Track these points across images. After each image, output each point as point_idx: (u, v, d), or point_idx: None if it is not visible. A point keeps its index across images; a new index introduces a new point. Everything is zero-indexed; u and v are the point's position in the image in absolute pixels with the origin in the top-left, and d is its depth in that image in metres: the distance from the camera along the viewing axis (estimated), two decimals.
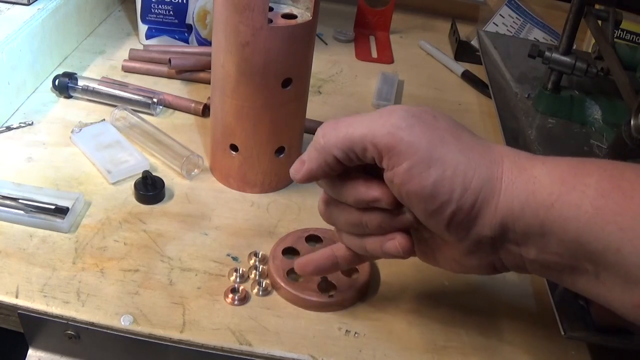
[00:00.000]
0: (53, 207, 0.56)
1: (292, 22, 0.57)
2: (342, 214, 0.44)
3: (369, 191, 0.41)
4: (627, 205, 0.34)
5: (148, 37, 0.87)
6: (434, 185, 0.38)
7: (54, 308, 0.49)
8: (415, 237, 0.44)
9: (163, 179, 0.62)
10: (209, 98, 0.71)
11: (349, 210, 0.43)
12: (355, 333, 0.50)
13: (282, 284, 0.52)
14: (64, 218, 0.55)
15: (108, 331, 0.48)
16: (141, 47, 0.86)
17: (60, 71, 0.75)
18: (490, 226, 0.38)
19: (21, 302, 0.49)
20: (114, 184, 0.62)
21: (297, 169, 0.43)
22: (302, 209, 0.62)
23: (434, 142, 0.38)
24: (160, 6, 0.84)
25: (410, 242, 0.43)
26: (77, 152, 0.66)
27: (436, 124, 0.39)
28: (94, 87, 0.73)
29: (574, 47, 0.74)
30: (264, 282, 0.52)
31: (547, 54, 0.74)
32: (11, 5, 0.73)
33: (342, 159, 0.41)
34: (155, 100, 0.72)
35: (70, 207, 0.56)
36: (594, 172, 0.37)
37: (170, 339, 0.48)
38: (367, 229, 0.43)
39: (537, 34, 1.02)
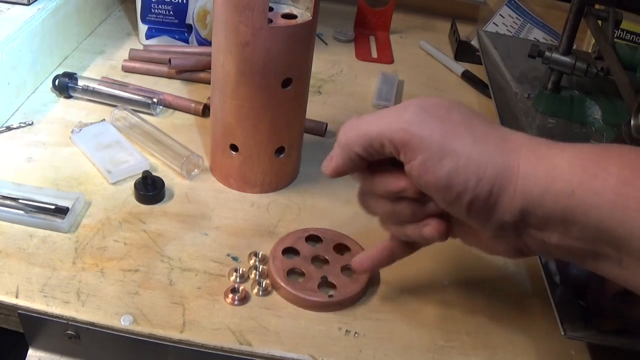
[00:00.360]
0: (53, 207, 0.56)
1: (292, 22, 0.57)
2: (377, 204, 0.46)
3: (396, 182, 0.43)
4: None
5: (148, 37, 0.87)
6: (448, 176, 0.39)
7: (54, 308, 0.49)
8: (454, 220, 0.45)
9: (163, 179, 0.62)
10: (209, 98, 0.71)
11: (383, 201, 0.45)
12: (355, 333, 0.50)
13: (282, 284, 0.52)
14: (64, 218, 0.55)
15: (108, 331, 0.48)
16: (141, 47, 0.86)
17: (60, 71, 0.75)
18: (510, 212, 0.39)
19: (21, 302, 0.49)
20: (114, 184, 0.62)
21: (327, 165, 0.46)
22: (302, 209, 0.62)
23: (447, 135, 0.39)
24: (160, 6, 0.84)
25: (444, 226, 0.44)
26: (77, 152, 0.66)
27: (449, 117, 0.40)
28: (94, 87, 0.73)
29: (574, 47, 0.74)
30: (264, 282, 0.52)
31: (547, 54, 0.74)
32: (11, 5, 0.73)
33: (363, 154, 0.43)
34: (155, 100, 0.72)
35: (70, 207, 0.56)
36: (616, 160, 0.37)
37: (170, 339, 0.48)
38: (402, 218, 0.45)
39: (537, 34, 1.02)
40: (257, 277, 0.53)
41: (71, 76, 0.73)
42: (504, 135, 0.40)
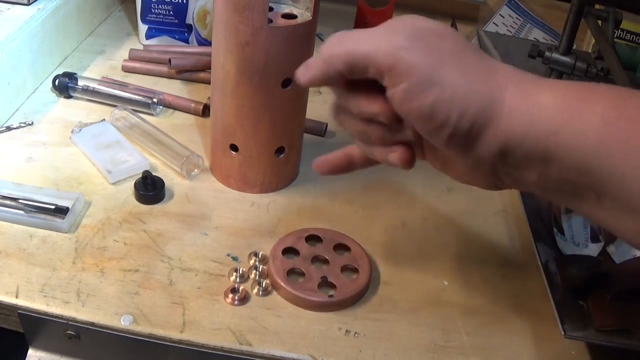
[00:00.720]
0: (53, 207, 0.56)
1: (292, 22, 0.57)
2: (349, 121, 0.45)
3: (370, 105, 0.42)
4: (633, 134, 0.34)
5: (148, 37, 0.87)
6: (431, 106, 0.38)
7: (54, 308, 0.49)
8: (426, 143, 0.44)
9: (163, 179, 0.62)
10: (209, 98, 0.71)
11: (355, 119, 0.44)
12: (355, 333, 0.50)
13: (282, 284, 0.52)
14: (64, 218, 0.55)
15: (108, 331, 0.48)
16: (141, 47, 0.86)
17: (60, 71, 0.75)
18: (489, 149, 0.38)
19: (21, 302, 0.49)
20: (114, 184, 0.62)
21: (302, 73, 0.43)
22: (302, 209, 0.62)
23: (435, 64, 0.38)
24: (160, 6, 0.84)
25: (409, 156, 0.44)
26: (77, 152, 0.66)
27: (441, 45, 0.39)
28: (94, 87, 0.73)
29: (574, 47, 0.74)
30: (264, 282, 0.52)
31: (547, 54, 0.74)
32: (11, 5, 0.73)
33: (345, 72, 0.41)
34: (155, 100, 0.72)
35: (70, 207, 0.56)
36: (601, 99, 0.36)
37: (170, 339, 0.48)
38: (372, 139, 0.44)
39: (537, 34, 1.02)
40: (257, 277, 0.53)
41: (71, 76, 0.73)
42: (493, 68, 0.39)
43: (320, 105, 0.80)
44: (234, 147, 0.61)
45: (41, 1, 0.74)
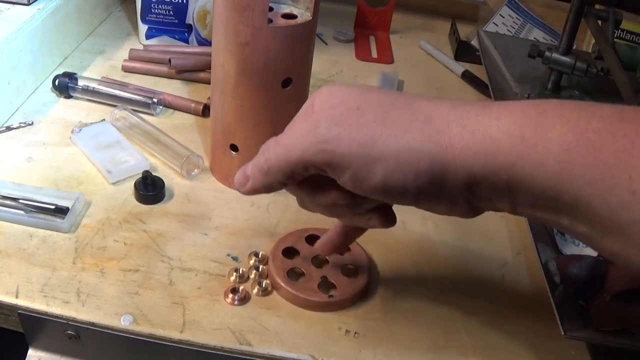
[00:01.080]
0: (53, 207, 0.56)
1: (292, 22, 0.57)
2: (315, 208, 0.46)
3: (326, 195, 0.42)
4: (595, 157, 0.33)
5: (148, 37, 0.87)
6: (383, 181, 0.37)
7: (54, 308, 0.49)
8: None
9: (163, 179, 0.62)
10: (209, 98, 0.71)
11: (320, 207, 0.45)
12: (355, 333, 0.50)
13: (282, 284, 0.52)
14: (64, 218, 0.55)
15: (108, 331, 0.48)
16: (141, 47, 0.86)
17: (60, 71, 0.75)
18: (456, 190, 0.38)
19: (21, 302, 0.49)
20: (114, 184, 0.62)
21: (242, 183, 0.44)
22: (302, 209, 0.62)
23: (367, 143, 0.37)
24: (160, 6, 0.84)
25: (387, 217, 0.44)
26: (77, 152, 0.66)
27: (363, 118, 0.38)
28: (94, 87, 0.73)
29: (574, 47, 0.74)
30: (264, 282, 0.52)
31: (547, 54, 0.74)
32: (11, 5, 0.73)
33: (286, 180, 0.42)
34: (155, 100, 0.72)
35: (70, 207, 0.56)
36: (557, 124, 0.34)
37: (170, 339, 0.48)
38: (345, 217, 0.45)
39: (537, 34, 1.02)
40: (257, 277, 0.53)
41: (71, 76, 0.73)
42: (427, 114, 0.38)
43: None
44: (234, 147, 0.61)
45: (41, 1, 0.74)
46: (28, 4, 0.73)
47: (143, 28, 0.86)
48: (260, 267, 0.54)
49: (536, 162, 0.34)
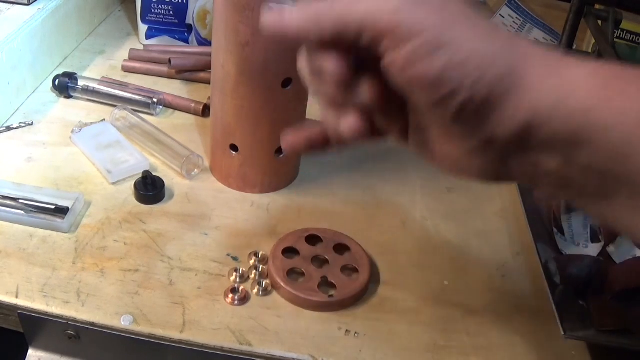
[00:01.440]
0: (53, 207, 0.56)
1: None
2: (322, 86, 0.39)
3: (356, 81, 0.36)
4: None
5: (148, 37, 0.87)
6: (442, 69, 0.32)
7: (54, 308, 0.49)
8: (411, 124, 0.38)
9: (163, 179, 0.62)
10: (209, 98, 0.71)
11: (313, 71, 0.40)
12: (355, 333, 0.50)
13: (282, 284, 0.52)
14: (64, 218, 0.55)
15: (108, 331, 0.48)
16: (141, 47, 0.86)
17: (60, 71, 0.75)
18: (508, 126, 0.33)
19: (21, 302, 0.49)
20: (114, 184, 0.62)
21: (276, 20, 0.38)
22: (302, 209, 0.62)
23: (445, 23, 0.33)
24: (160, 6, 0.84)
25: (363, 125, 0.37)
26: (77, 152, 0.66)
27: (447, 6, 0.33)
28: (94, 87, 0.73)
29: (574, 47, 0.74)
30: (264, 282, 0.52)
31: None
32: (11, 5, 0.72)
33: (330, 36, 0.35)
34: (155, 100, 0.72)
35: (70, 207, 0.56)
36: None
37: (170, 339, 0.48)
38: (327, 96, 0.39)
39: (537, 34, 1.02)
40: (257, 277, 0.53)
41: (71, 76, 0.73)
42: (512, 35, 0.34)
43: None
44: (234, 147, 0.61)
45: (41, 1, 0.74)
46: (28, 4, 0.73)
47: (143, 28, 0.86)
48: (260, 267, 0.54)
49: (619, 109, 0.30)
